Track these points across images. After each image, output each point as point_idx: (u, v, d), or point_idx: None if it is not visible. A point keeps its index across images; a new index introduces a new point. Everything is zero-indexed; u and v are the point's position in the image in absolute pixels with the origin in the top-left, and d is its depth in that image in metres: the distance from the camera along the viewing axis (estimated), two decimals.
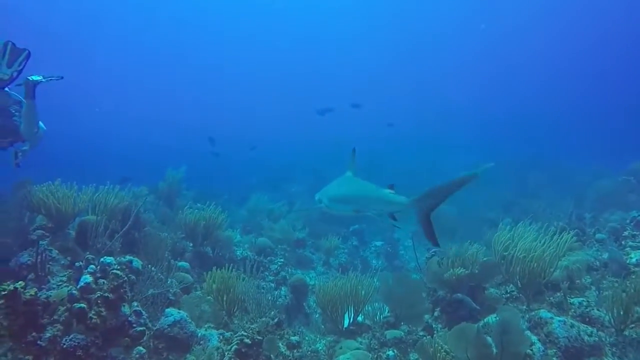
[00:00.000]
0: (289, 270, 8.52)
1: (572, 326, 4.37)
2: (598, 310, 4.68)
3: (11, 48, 5.03)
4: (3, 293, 3.56)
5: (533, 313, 4.75)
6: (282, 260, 8.70)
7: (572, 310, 4.80)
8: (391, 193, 4.15)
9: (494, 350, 4.01)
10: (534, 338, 4.38)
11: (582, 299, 4.96)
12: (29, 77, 5.30)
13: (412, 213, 3.86)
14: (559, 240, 5.13)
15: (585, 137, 30.85)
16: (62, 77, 5.43)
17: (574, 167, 16.38)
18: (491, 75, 44.81)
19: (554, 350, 4.23)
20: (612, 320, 4.40)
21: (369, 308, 5.56)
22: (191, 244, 7.68)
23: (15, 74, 5.16)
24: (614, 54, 37.57)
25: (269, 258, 8.62)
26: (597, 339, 4.23)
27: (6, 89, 5.39)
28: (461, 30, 39.37)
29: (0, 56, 4.98)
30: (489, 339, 4.14)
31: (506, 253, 5.42)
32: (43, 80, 5.34)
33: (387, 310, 5.63)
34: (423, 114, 44.67)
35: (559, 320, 4.44)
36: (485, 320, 4.96)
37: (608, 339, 4.32)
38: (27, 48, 5.16)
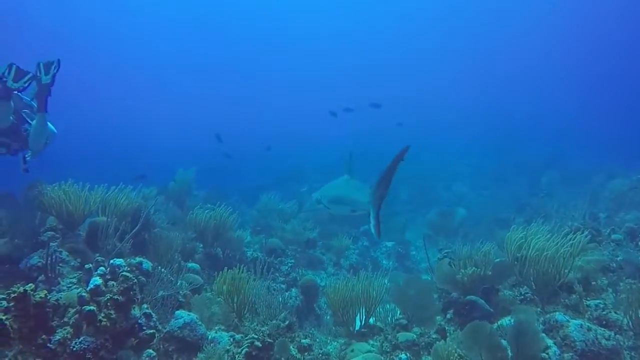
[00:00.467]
0: (300, 271, 8.48)
1: (589, 329, 4.26)
2: (616, 313, 4.57)
3: (15, 69, 5.09)
4: (13, 295, 3.55)
5: (548, 316, 4.65)
6: (292, 261, 8.66)
7: (589, 313, 4.70)
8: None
9: (509, 353, 3.94)
10: (549, 341, 4.29)
11: (598, 301, 4.85)
12: (42, 81, 5.32)
13: (370, 209, 4.18)
14: (572, 239, 5.04)
15: (597, 136, 30.42)
16: (59, 61, 5.40)
17: (587, 167, 16.19)
18: (505, 75, 44.54)
19: (571, 354, 4.13)
20: (630, 324, 4.29)
21: (381, 310, 5.49)
22: (201, 245, 7.66)
23: (21, 88, 5.21)
24: (628, 54, 37.17)
25: (279, 259, 8.57)
26: (615, 342, 4.13)
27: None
28: (475, 29, 39.16)
29: (6, 74, 5.04)
30: (504, 342, 4.07)
31: (519, 254, 5.33)
32: (47, 79, 5.33)
33: (398, 312, 5.56)
34: (436, 113, 44.46)
35: (576, 324, 4.34)
36: (499, 322, 4.87)
37: (626, 343, 4.21)
38: (30, 71, 5.23)
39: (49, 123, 5.70)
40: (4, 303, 3.56)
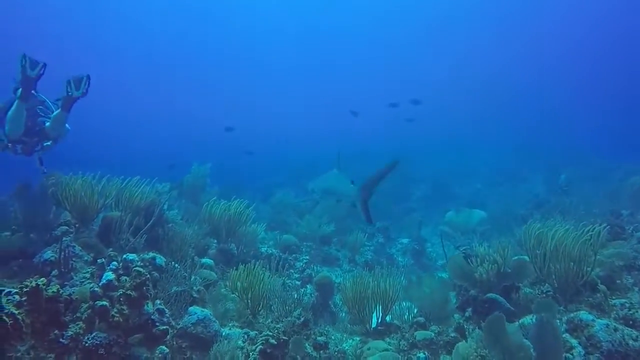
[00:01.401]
0: (315, 267, 8.40)
1: (615, 330, 4.09)
2: None
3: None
4: (25, 290, 3.50)
5: (572, 315, 4.48)
6: (307, 257, 8.60)
7: (614, 313, 4.52)
8: (351, 186, 5.53)
9: (532, 352, 3.81)
10: (574, 341, 4.12)
11: (624, 300, 4.66)
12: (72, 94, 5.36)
13: (357, 199, 5.31)
14: (592, 232, 4.88)
15: (617, 133, 29.91)
16: (89, 77, 5.41)
17: (606, 163, 15.89)
18: (517, 73, 44.02)
19: (597, 355, 3.96)
20: None
21: (397, 307, 5.39)
22: (215, 241, 7.60)
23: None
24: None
25: (294, 255, 8.52)
26: None
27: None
28: (484, 27, 38.77)
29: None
30: (527, 341, 3.94)
31: (539, 251, 5.18)
32: (78, 93, 5.34)
33: (416, 310, 5.44)
34: (451, 109, 44.10)
35: (601, 323, 4.17)
36: (521, 321, 4.72)
37: None
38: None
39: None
40: (17, 297, 3.51)
